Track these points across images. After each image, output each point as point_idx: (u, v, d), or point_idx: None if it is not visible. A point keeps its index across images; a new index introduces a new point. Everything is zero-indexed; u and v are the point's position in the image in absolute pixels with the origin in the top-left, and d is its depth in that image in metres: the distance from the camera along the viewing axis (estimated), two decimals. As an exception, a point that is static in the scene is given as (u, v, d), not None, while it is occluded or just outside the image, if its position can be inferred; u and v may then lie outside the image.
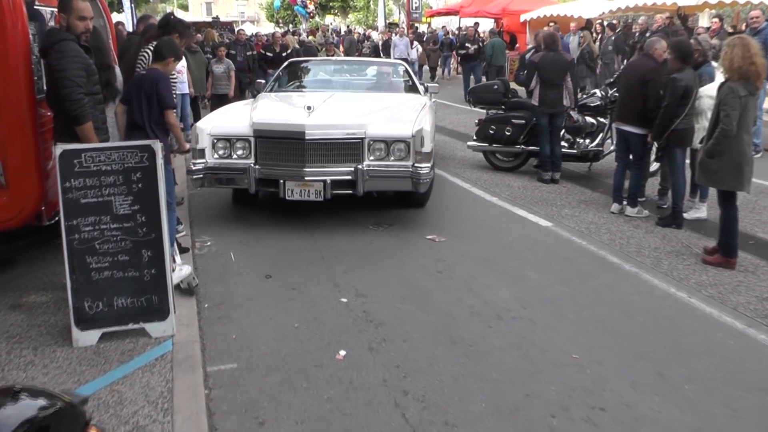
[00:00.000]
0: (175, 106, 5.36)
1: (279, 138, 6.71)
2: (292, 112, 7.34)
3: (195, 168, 6.73)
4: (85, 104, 4.62)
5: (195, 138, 6.75)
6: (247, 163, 6.72)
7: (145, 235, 4.27)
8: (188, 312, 4.84)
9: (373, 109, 7.52)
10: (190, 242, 6.43)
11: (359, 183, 6.62)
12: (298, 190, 6.60)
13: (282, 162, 6.69)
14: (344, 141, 6.68)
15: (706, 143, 5.88)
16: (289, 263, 5.96)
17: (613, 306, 5.18)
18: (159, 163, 4.21)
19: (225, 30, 28.93)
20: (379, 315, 4.93)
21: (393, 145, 6.74)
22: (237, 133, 6.81)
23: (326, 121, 6.84)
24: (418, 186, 6.72)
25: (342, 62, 11.68)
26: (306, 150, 6.57)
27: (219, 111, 7.91)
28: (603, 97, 9.93)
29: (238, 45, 14.89)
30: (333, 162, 6.67)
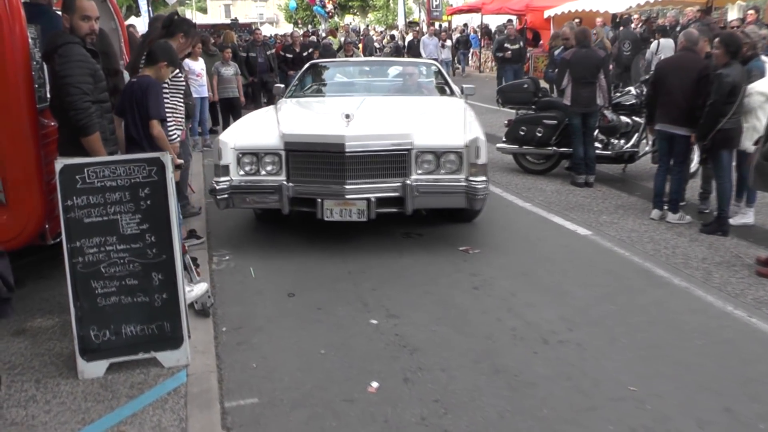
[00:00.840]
0: (162, 116, 4.74)
1: (314, 151, 6.00)
2: (327, 122, 6.49)
3: (219, 187, 6.01)
4: (92, 113, 4.25)
5: (218, 153, 6.04)
6: (278, 180, 6.01)
7: (155, 256, 3.88)
8: (204, 337, 4.45)
9: (415, 116, 6.83)
10: (207, 256, 6.05)
11: (408, 200, 5.91)
12: (338, 210, 5.89)
13: (318, 178, 5.96)
14: (389, 153, 5.96)
15: (763, 144, 5.39)
16: (313, 279, 5.56)
17: (667, 327, 4.72)
18: (169, 178, 3.82)
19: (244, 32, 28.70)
20: (413, 339, 4.51)
21: (443, 157, 6.05)
22: (265, 147, 6.09)
23: (368, 131, 6.10)
24: (473, 202, 6.03)
25: (369, 63, 11.02)
26: (346, 164, 5.83)
27: (242, 121, 7.08)
28: (638, 95, 9.44)
29: (256, 45, 14.35)
30: (376, 177, 5.95)
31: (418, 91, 8.56)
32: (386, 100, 7.85)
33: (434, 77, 8.92)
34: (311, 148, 6.01)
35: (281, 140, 6.05)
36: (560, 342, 4.48)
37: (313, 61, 9.93)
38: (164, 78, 4.97)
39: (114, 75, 4.93)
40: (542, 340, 4.50)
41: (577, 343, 4.46)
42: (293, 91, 8.35)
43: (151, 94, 4.62)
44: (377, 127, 6.37)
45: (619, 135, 9.28)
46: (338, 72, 9.52)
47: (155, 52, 4.83)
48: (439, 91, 8.48)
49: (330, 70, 9.60)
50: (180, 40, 5.50)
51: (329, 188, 5.90)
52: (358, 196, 5.86)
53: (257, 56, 13.96)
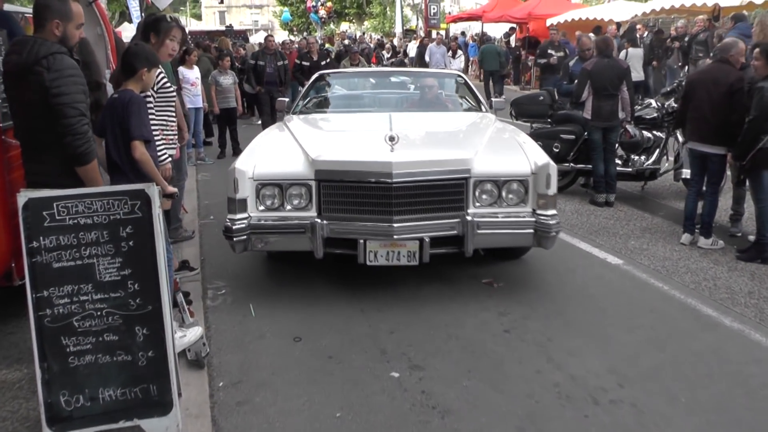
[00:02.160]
0: (145, 136, 4.00)
1: (353, 181, 4.97)
2: (366, 145, 5.52)
3: (236, 227, 4.98)
4: (91, 138, 3.61)
5: (233, 184, 5.00)
6: (307, 216, 5.02)
7: (139, 307, 3.22)
8: (198, 395, 3.80)
9: (463, 137, 6.12)
10: (200, 289, 5.39)
11: (468, 239, 4.99)
12: (384, 253, 4.95)
13: (359, 214, 5.00)
14: (443, 183, 5.02)
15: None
16: (321, 319, 4.91)
17: (730, 382, 4.09)
18: (156, 214, 3.17)
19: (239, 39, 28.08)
20: (444, 398, 3.86)
21: (506, 186, 5.15)
22: (292, 176, 5.07)
23: (418, 156, 5.16)
24: (544, 241, 5.10)
25: (387, 74, 9.83)
26: (393, 197, 4.87)
27: (257, 145, 5.74)
28: (659, 108, 8.90)
29: (267, 54, 12.97)
30: (429, 212, 5.00)
31: (445, 106, 7.68)
32: (416, 117, 6.91)
33: (461, 90, 7.95)
34: (349, 177, 4.97)
35: (311, 167, 5.04)
36: (612, 402, 3.84)
37: (323, 72, 8.71)
38: (149, 86, 4.30)
39: (96, 88, 4.24)
40: (592, 400, 3.86)
41: (632, 404, 3.83)
42: (302, 106, 7.35)
43: (132, 110, 3.94)
44: (428, 151, 5.46)
45: (641, 151, 8.72)
46: (353, 84, 8.62)
47: (129, 60, 4.15)
48: (468, 106, 7.51)
49: (343, 81, 8.68)
50: (152, 41, 4.84)
51: (373, 227, 4.95)
52: (410, 235, 4.94)
53: (266, 66, 12.79)
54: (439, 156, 5.22)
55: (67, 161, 3.58)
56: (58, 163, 3.61)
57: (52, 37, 3.64)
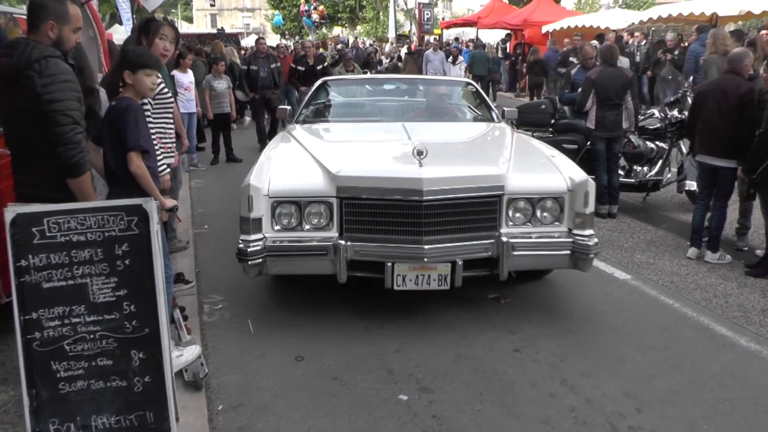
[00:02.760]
0: (142, 147, 3.74)
1: (379, 199, 4.59)
2: (392, 159, 5.20)
3: (250, 249, 4.55)
4: (84, 148, 3.39)
5: (247, 202, 4.57)
6: (328, 237, 4.65)
7: (135, 330, 3.01)
8: (196, 420, 3.59)
9: (486, 150, 5.78)
10: (196, 304, 5.18)
11: (503, 261, 4.66)
12: (413, 277, 4.58)
13: (385, 235, 4.63)
14: (477, 201, 4.68)
15: None
16: (324, 336, 4.70)
17: (752, 407, 3.91)
18: (154, 230, 2.97)
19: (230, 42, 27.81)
20: (456, 424, 3.66)
21: (540, 204, 4.84)
22: (311, 193, 4.67)
23: (450, 171, 4.76)
24: (582, 263, 4.80)
25: (394, 81, 9.18)
26: (423, 216, 4.52)
27: (269, 159, 5.23)
28: (662, 118, 8.74)
29: (258, 58, 12.54)
30: (460, 232, 4.66)
31: (458, 116, 7.34)
32: (432, 127, 6.53)
33: (472, 99, 7.60)
34: (375, 195, 4.59)
35: (331, 183, 4.65)
36: (632, 429, 3.66)
37: (327, 78, 8.36)
38: (149, 91, 4.05)
39: (89, 94, 4.00)
40: (610, 426, 3.67)
41: (652, 430, 3.64)
42: (306, 115, 7.01)
43: (128, 119, 3.71)
44: (459, 167, 5.01)
45: (644, 161, 8.57)
46: (357, 91, 8.19)
47: (125, 64, 3.92)
48: (481, 116, 7.10)
49: (347, 88, 8.25)
50: (143, 43, 4.62)
51: (402, 249, 4.57)
52: (441, 257, 4.57)
53: (259, 69, 12.31)
54: (472, 172, 4.84)
55: (59, 173, 3.37)
56: (49, 174, 3.38)
57: (46, 39, 3.44)
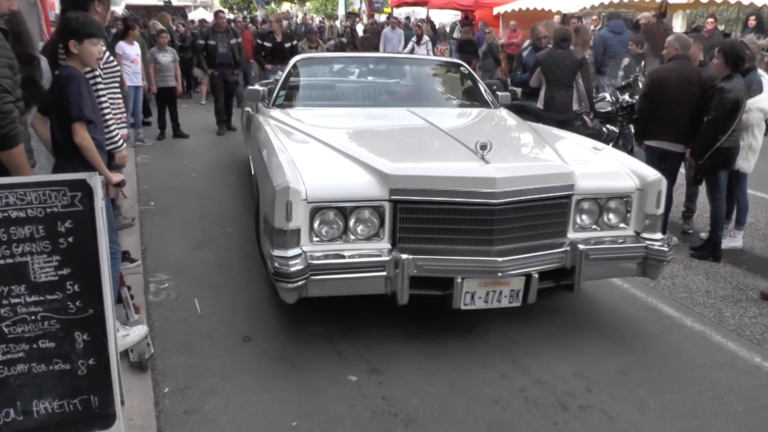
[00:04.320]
0: (86, 117, 3.59)
1: (443, 203, 3.95)
2: (449, 154, 4.49)
3: (293, 268, 3.74)
4: (16, 119, 3.23)
5: (284, 210, 3.76)
6: (379, 249, 3.97)
7: (79, 311, 2.89)
8: (142, 403, 3.49)
9: (533, 143, 5.09)
10: (142, 283, 5.04)
11: (579, 272, 4.15)
12: (483, 294, 3.98)
13: (448, 245, 4.00)
14: (548, 202, 4.15)
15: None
16: (272, 316, 4.62)
17: (698, 387, 3.98)
18: (99, 207, 2.85)
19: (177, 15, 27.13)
20: (406, 404, 3.64)
21: (606, 205, 4.41)
22: (358, 195, 3.93)
23: (522, 169, 4.21)
24: (652, 271, 4.42)
25: (380, 60, 8.11)
26: (495, 222, 3.95)
27: (283, 152, 4.42)
28: (614, 102, 8.83)
29: (218, 33, 11.65)
30: (531, 239, 4.14)
31: (460, 101, 6.76)
32: (442, 114, 5.88)
33: (466, 82, 7.05)
34: (437, 197, 3.93)
35: (383, 184, 3.93)
36: (582, 408, 3.69)
37: (305, 56, 7.43)
38: (95, 60, 3.89)
39: (28, 62, 3.82)
40: (560, 406, 3.69)
41: (602, 410, 3.68)
42: (285, 97, 6.25)
43: (71, 89, 3.56)
44: (528, 163, 4.54)
45: (598, 144, 8.65)
46: (340, 71, 7.45)
47: (68, 32, 3.73)
48: (479, 101, 6.56)
49: (328, 67, 7.50)
50: (97, 10, 4.40)
51: (473, 262, 3.96)
52: (517, 270, 4.00)
53: (218, 45, 11.52)
54: (543, 169, 4.30)
55: None
56: None
57: None
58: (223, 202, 7.40)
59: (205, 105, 14.33)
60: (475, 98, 6.61)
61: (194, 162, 9.39)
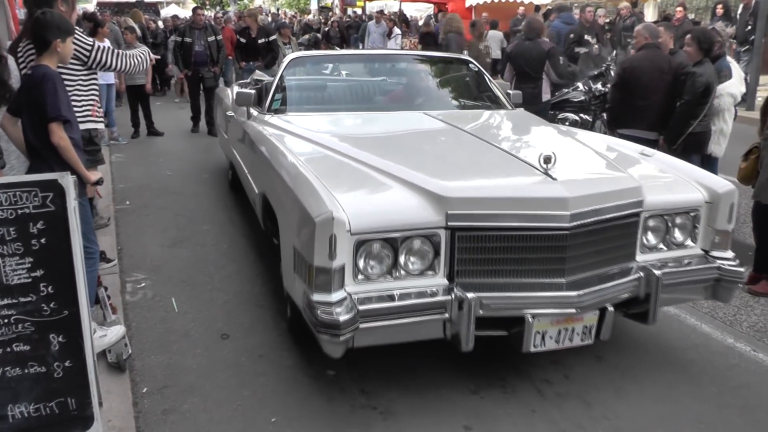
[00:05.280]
0: (63, 116, 3.56)
1: (508, 229, 3.40)
2: (506, 170, 3.89)
3: (342, 318, 3.12)
4: None
5: (328, 245, 3.16)
6: (434, 285, 3.39)
7: (54, 312, 2.88)
8: (120, 404, 3.48)
9: (583, 152, 4.51)
10: (119, 283, 5.02)
11: (655, 301, 3.68)
12: (554, 333, 3.46)
13: (515, 278, 3.46)
14: (618, 222, 3.66)
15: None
16: (249, 313, 4.62)
17: (673, 369, 4.05)
18: (71, 207, 2.83)
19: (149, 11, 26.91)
20: (384, 397, 3.65)
21: (673, 221, 3.97)
22: (410, 223, 3.34)
23: (593, 186, 3.67)
24: (725, 293, 4.00)
25: (382, 58, 7.38)
26: (568, 248, 3.44)
27: (321, 171, 3.77)
28: (587, 91, 8.91)
29: (195, 30, 11.15)
30: (601, 266, 3.65)
31: (471, 101, 6.10)
32: (463, 117, 5.38)
33: (477, 79, 6.39)
34: (502, 222, 3.39)
35: (438, 208, 3.36)
36: (558, 395, 3.73)
37: (299, 55, 6.73)
38: (67, 58, 3.88)
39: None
40: (538, 393, 3.73)
41: (579, 396, 3.72)
42: (281, 102, 5.58)
43: (47, 88, 3.54)
44: (596, 177, 3.99)
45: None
46: (341, 71, 6.69)
47: (39, 32, 3.68)
48: (495, 101, 5.99)
49: (327, 67, 6.74)
50: (61, 8, 4.37)
51: (544, 297, 3.45)
52: (594, 304, 3.51)
53: (194, 43, 11.04)
54: (613, 184, 3.76)
55: None
56: None
57: None
58: (198, 199, 7.37)
59: (179, 102, 14.22)
60: (491, 98, 6.04)
61: (169, 160, 9.34)
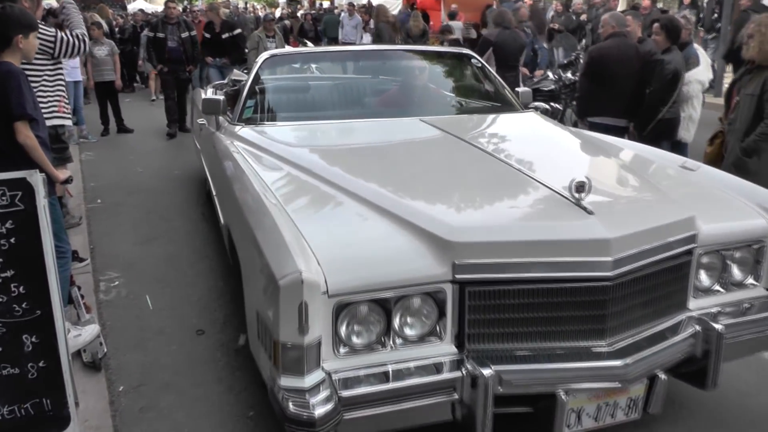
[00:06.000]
0: (29, 115, 3.49)
1: (533, 282, 2.65)
2: (517, 201, 3.10)
3: (317, 411, 2.39)
4: None
5: (291, 317, 2.42)
6: (440, 354, 2.66)
7: (26, 313, 2.84)
8: (97, 403, 3.45)
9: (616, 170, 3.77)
10: (92, 282, 4.97)
11: (715, 362, 2.88)
12: (592, 410, 2.75)
13: (539, 342, 2.73)
14: (668, 265, 2.89)
15: (742, 140, 4.87)
16: (224, 309, 4.59)
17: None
18: (41, 205, 2.80)
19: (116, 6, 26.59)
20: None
21: (732, 256, 3.18)
22: (408, 278, 2.59)
23: (636, 223, 2.83)
24: None
25: (372, 54, 6.27)
26: (609, 303, 2.69)
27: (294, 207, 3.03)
28: (557, 80, 8.98)
29: (167, 25, 10.69)
30: (647, 321, 2.90)
31: (475, 103, 5.33)
32: (465, 123, 4.75)
33: (481, 77, 5.53)
34: (525, 272, 2.64)
35: (443, 255, 2.61)
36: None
37: (273, 53, 5.48)
38: (31, 54, 3.82)
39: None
40: None
41: None
42: (250, 109, 4.76)
43: (11, 86, 3.47)
44: (640, 209, 3.08)
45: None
46: (321, 70, 6.02)
47: (13, 26, 3.58)
48: (504, 102, 5.17)
49: (305, 66, 6.01)
50: (24, 4, 4.29)
51: (579, 367, 2.69)
52: (643, 373, 2.73)
53: (167, 38, 10.55)
54: (660, 217, 2.94)
55: None
56: None
57: None
58: (170, 196, 7.32)
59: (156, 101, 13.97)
60: (497, 98, 5.24)
61: (140, 157, 9.25)
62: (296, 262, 2.45)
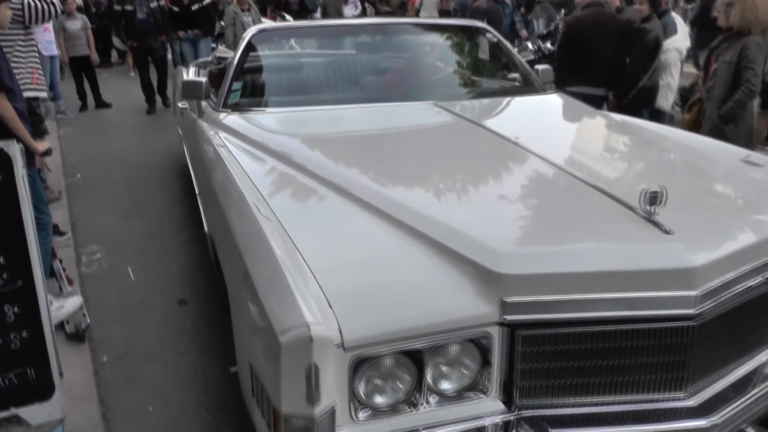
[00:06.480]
0: (6, 86, 3.46)
1: (599, 323, 2.10)
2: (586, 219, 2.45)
3: None
4: None
5: (297, 384, 1.86)
6: (484, 415, 2.11)
7: (7, 283, 2.84)
8: (81, 374, 3.48)
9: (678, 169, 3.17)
10: (74, 256, 4.96)
11: None
12: None
13: (606, 395, 2.19)
14: (754, 295, 2.34)
15: (719, 107, 4.93)
16: (206, 280, 4.60)
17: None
18: (19, 175, 2.79)
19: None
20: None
21: None
22: (441, 322, 2.01)
23: (724, 245, 2.30)
24: None
25: (368, 29, 5.39)
26: (691, 347, 2.15)
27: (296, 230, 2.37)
28: (536, 50, 8.99)
29: None
30: (730, 365, 2.39)
31: (493, 84, 4.77)
32: (483, 107, 4.13)
33: (499, 54, 4.96)
34: (587, 312, 2.10)
35: (488, 291, 2.08)
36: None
37: (261, 28, 4.72)
38: (6, 23, 3.80)
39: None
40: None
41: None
42: (236, 93, 4.22)
43: None
44: (723, 224, 2.50)
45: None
46: (319, 47, 5.51)
47: None
48: (525, 82, 4.64)
49: (302, 43, 5.54)
50: None
51: (654, 430, 2.18)
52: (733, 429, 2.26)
53: (136, 11, 10.03)
54: (749, 235, 2.40)
55: None
56: None
57: None
58: (150, 170, 7.29)
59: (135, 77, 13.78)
60: (518, 78, 4.74)
61: (119, 132, 9.18)
62: (302, 311, 1.89)
